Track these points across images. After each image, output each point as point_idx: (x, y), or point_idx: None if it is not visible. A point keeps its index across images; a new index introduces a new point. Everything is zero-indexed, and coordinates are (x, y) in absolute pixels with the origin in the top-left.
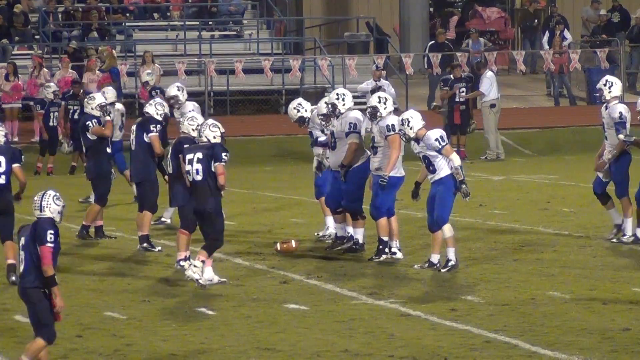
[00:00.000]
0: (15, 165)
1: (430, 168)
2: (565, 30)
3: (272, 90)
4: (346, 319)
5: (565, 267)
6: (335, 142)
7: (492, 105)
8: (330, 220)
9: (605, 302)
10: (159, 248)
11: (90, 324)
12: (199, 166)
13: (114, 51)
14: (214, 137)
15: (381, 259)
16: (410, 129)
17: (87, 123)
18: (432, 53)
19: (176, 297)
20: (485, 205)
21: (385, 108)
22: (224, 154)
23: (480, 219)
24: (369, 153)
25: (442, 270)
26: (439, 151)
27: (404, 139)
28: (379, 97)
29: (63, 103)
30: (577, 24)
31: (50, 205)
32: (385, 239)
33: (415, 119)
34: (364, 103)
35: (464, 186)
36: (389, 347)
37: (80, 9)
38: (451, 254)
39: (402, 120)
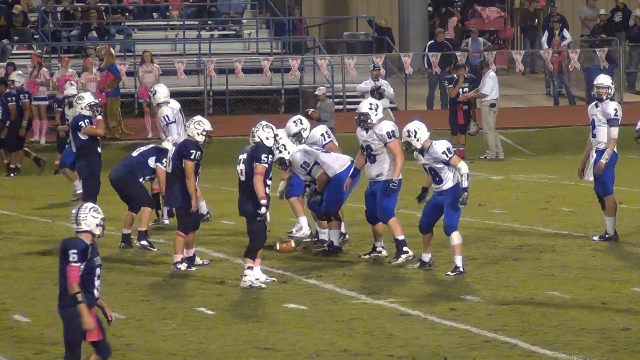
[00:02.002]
0: None
1: (437, 179)
2: (565, 29)
3: (272, 90)
4: (345, 319)
5: (565, 267)
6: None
7: (492, 105)
8: (303, 220)
9: (604, 302)
10: (157, 248)
11: None
12: (243, 167)
13: (112, 49)
14: (267, 138)
15: (400, 260)
16: (417, 140)
17: (79, 123)
18: (431, 53)
19: (175, 297)
20: (484, 205)
21: (376, 115)
22: (263, 155)
23: (479, 219)
24: (345, 159)
25: (449, 274)
26: (447, 163)
27: (409, 151)
28: (370, 104)
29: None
30: (576, 23)
31: (87, 218)
32: (401, 237)
33: (421, 131)
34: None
35: (465, 194)
36: (389, 346)
37: (80, 9)
38: (458, 261)
39: (409, 132)
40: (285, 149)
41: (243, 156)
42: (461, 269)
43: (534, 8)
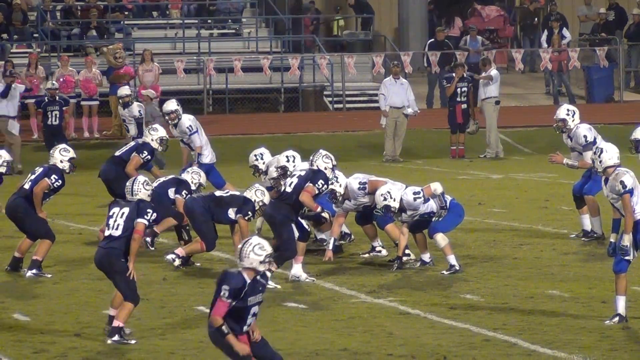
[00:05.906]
0: None
1: (426, 217)
2: (564, 28)
3: (271, 89)
4: (345, 318)
5: (564, 266)
6: None
7: (497, 102)
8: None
9: (604, 301)
10: (154, 248)
11: (89, 322)
12: (295, 180)
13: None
14: (325, 168)
15: (405, 260)
16: (394, 200)
17: (144, 150)
18: (431, 51)
19: (175, 296)
20: (484, 204)
21: (341, 186)
22: (321, 181)
23: (479, 218)
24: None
25: (444, 273)
26: (426, 202)
27: (391, 213)
28: (337, 179)
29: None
30: (576, 22)
31: (249, 255)
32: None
33: (394, 190)
34: (373, 101)
35: (442, 212)
36: (388, 345)
37: (79, 7)
38: (452, 260)
39: (383, 195)
40: (338, 181)
41: (300, 173)
42: (457, 267)
43: (534, 7)
